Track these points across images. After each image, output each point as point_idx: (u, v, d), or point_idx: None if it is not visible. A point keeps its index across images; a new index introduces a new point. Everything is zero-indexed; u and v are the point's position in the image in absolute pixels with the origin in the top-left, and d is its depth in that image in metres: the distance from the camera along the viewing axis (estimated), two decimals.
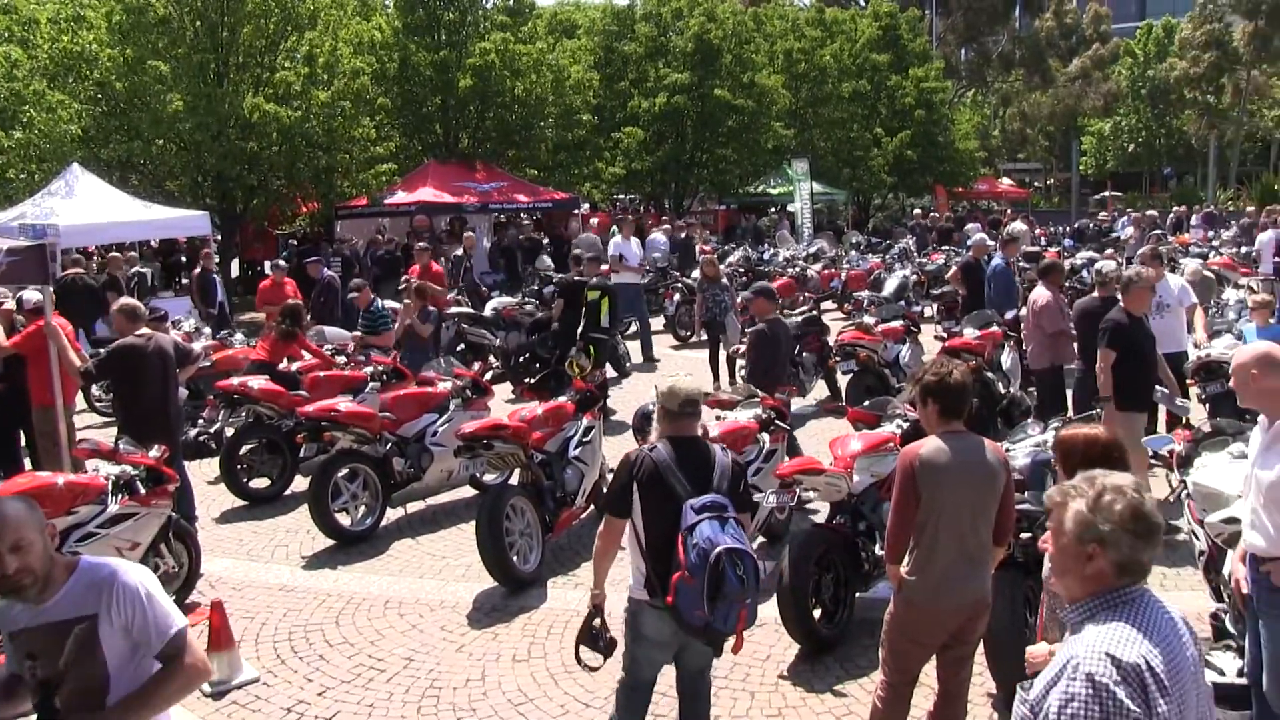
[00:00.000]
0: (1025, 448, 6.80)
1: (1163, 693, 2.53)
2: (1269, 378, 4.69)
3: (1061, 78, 52.60)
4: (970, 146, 40.81)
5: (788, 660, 6.35)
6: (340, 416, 8.96)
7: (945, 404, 4.69)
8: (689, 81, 29.53)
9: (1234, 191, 49.89)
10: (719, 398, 8.75)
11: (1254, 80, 54.02)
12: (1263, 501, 4.64)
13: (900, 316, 12.95)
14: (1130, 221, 26.88)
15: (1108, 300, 9.49)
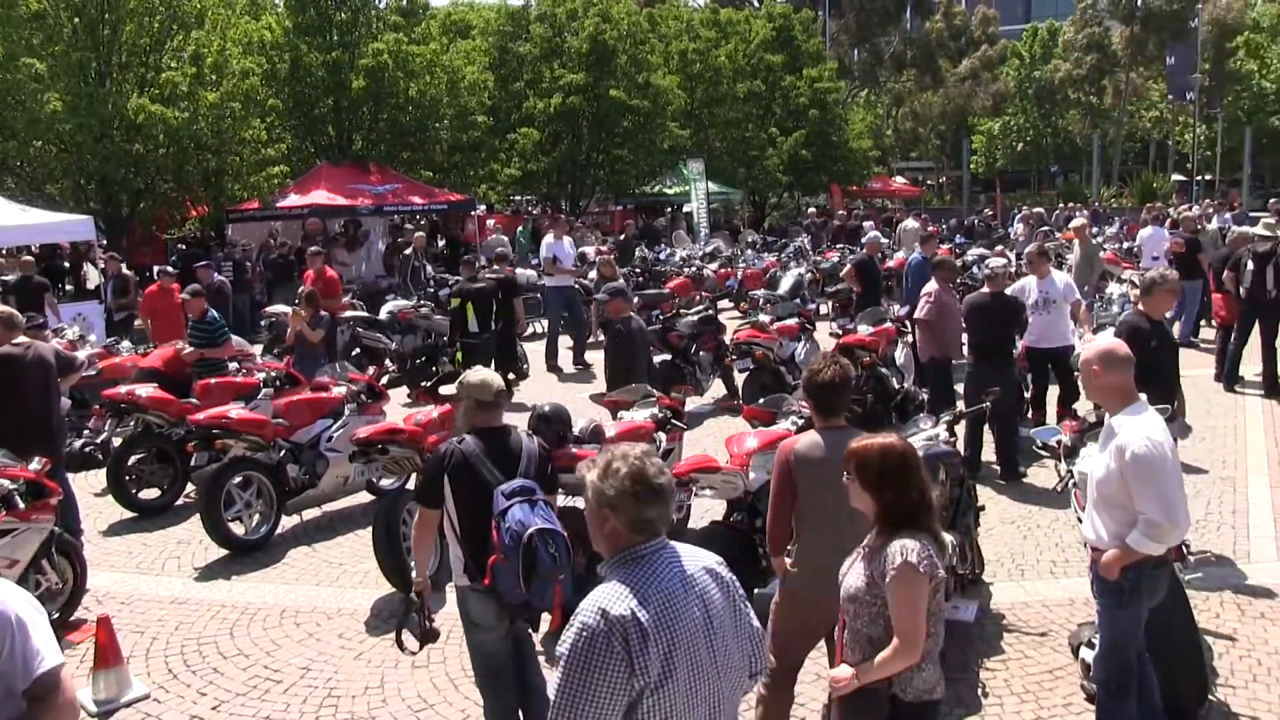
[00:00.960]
0: (918, 441, 6.95)
1: (646, 641, 2.89)
2: (1110, 374, 4.85)
3: (952, 78, 53.93)
4: (864, 145, 41.57)
5: None
6: (232, 423, 8.81)
7: (819, 401, 4.87)
8: (584, 82, 29.56)
9: (1117, 189, 51.64)
10: (615, 398, 8.81)
11: (1132, 82, 56.09)
12: (1093, 496, 4.91)
13: (795, 314, 13.15)
14: (1021, 219, 27.65)
15: (997, 295, 9.80)
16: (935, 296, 10.04)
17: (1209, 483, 9.48)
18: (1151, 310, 7.89)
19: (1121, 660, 4.89)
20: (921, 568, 3.62)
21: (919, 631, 3.65)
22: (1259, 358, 12.87)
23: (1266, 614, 6.77)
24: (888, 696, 3.76)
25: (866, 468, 3.81)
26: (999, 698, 5.84)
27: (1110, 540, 4.77)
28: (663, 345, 12.75)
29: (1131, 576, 4.75)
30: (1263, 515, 8.56)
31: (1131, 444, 4.61)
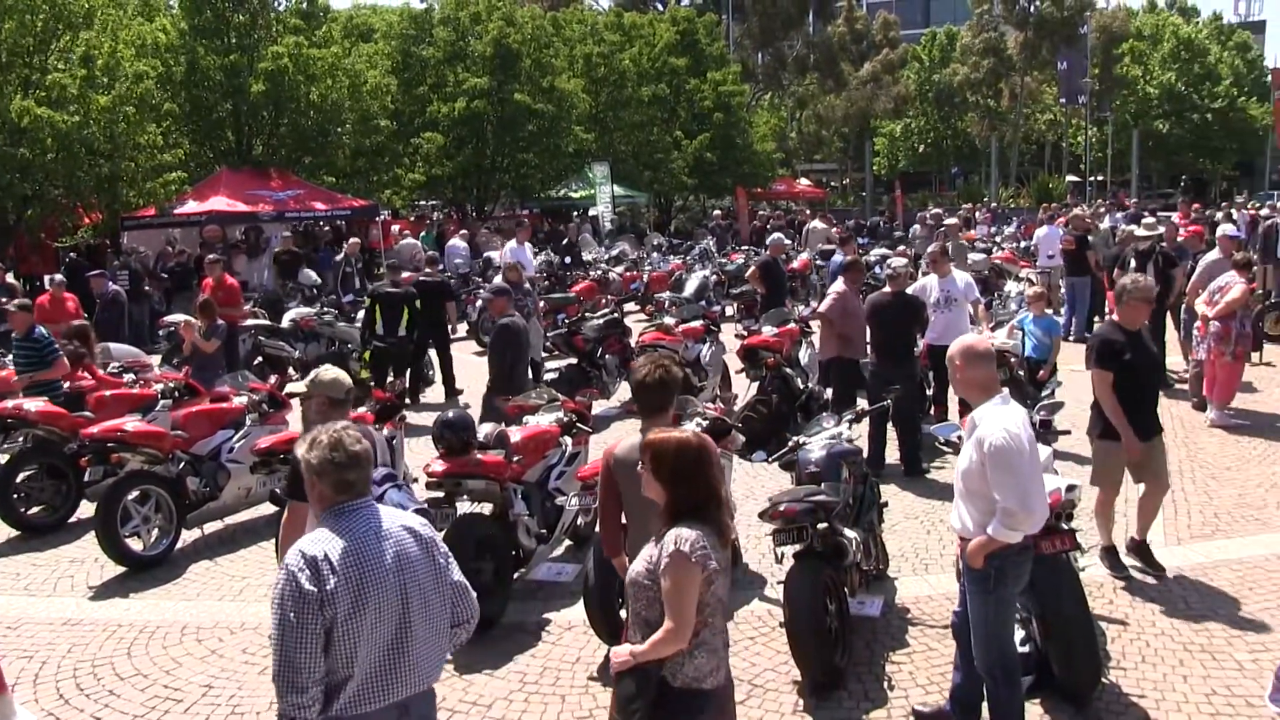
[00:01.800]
0: (820, 440, 7.05)
1: (333, 572, 3.44)
2: (971, 369, 5.07)
3: (854, 81, 54.73)
4: (768, 148, 42.01)
5: (597, 661, 6.40)
6: (128, 436, 8.58)
7: (642, 402, 4.93)
8: (488, 86, 29.41)
9: (1014, 190, 52.92)
10: (521, 402, 8.77)
11: (1027, 86, 57.62)
12: (959, 488, 5.08)
13: (701, 316, 13.23)
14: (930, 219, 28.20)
15: (899, 294, 9.97)
16: (840, 297, 10.18)
17: None
18: (1126, 321, 7.24)
19: (1001, 645, 5.05)
20: (694, 558, 3.70)
21: (687, 618, 3.72)
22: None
23: (1156, 598, 7.01)
24: (658, 679, 3.81)
25: (660, 461, 3.90)
26: (904, 690, 5.94)
27: (975, 529, 4.95)
28: (568, 349, 12.74)
29: (996, 563, 4.92)
30: None
31: (990, 436, 4.79)
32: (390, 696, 3.58)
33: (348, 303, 16.87)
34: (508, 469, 7.39)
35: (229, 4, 25.45)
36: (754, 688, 6.05)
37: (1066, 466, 9.58)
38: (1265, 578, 7.32)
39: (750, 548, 8.01)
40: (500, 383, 9.49)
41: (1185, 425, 11.46)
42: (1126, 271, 12.96)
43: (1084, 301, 16.80)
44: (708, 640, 3.85)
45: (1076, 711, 5.63)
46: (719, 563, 3.79)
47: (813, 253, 22.18)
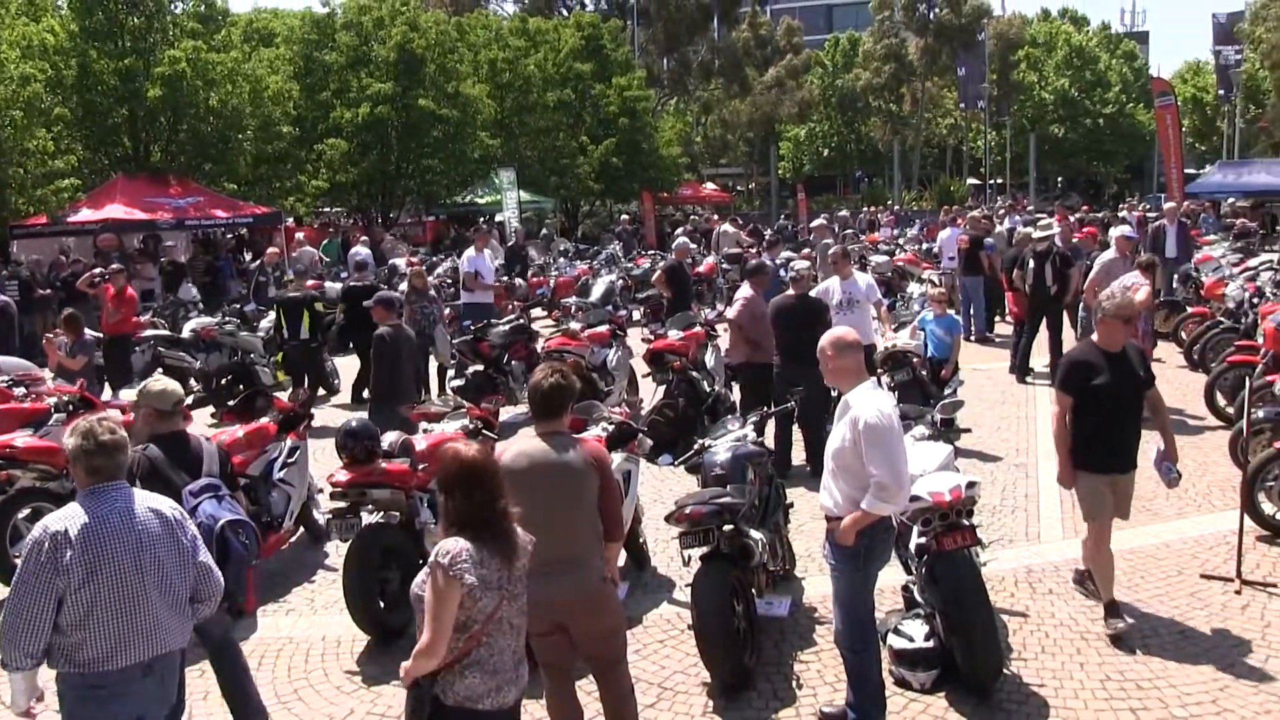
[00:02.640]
0: (725, 443, 7.09)
1: (70, 546, 3.90)
2: (841, 358, 5.36)
3: (759, 86, 55.31)
4: (674, 153, 42.17)
5: None
6: (19, 452, 8.31)
7: (533, 408, 4.93)
8: (393, 91, 29.07)
9: (917, 193, 53.92)
10: (426, 410, 8.68)
11: (928, 91, 58.82)
12: (830, 468, 5.31)
13: (607, 321, 13.23)
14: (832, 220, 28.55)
15: (802, 297, 10.05)
16: (748, 302, 10.24)
17: (1004, 469, 10.00)
18: (1103, 341, 6.46)
19: (858, 619, 5.33)
20: (451, 570, 3.71)
21: (439, 631, 3.71)
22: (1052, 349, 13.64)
23: (1055, 589, 7.19)
24: (430, 696, 3.81)
25: (442, 471, 3.98)
26: (813, 689, 6.00)
27: (845, 505, 5.21)
28: (474, 355, 12.65)
29: (866, 540, 5.21)
30: (1051, 498, 9.06)
31: (864, 415, 5.09)
32: (130, 658, 4.05)
33: (251, 311, 16.54)
34: (413, 477, 7.30)
35: (122, 6, 24.71)
36: (664, 690, 6.06)
37: (968, 464, 9.80)
38: (1155, 566, 7.56)
39: (659, 551, 8.03)
40: (380, 394, 9.38)
41: None
42: (1025, 272, 13.32)
43: (979, 301, 17.19)
44: (483, 660, 3.82)
45: (979, 703, 5.74)
46: (487, 579, 3.78)
47: (718, 256, 22.33)
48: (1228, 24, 54.80)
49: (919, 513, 5.86)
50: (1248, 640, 6.38)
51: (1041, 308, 13.43)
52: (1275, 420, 9.01)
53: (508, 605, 3.87)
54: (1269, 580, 7.23)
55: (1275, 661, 6.14)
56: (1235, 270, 16.25)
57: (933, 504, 5.78)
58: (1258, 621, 6.61)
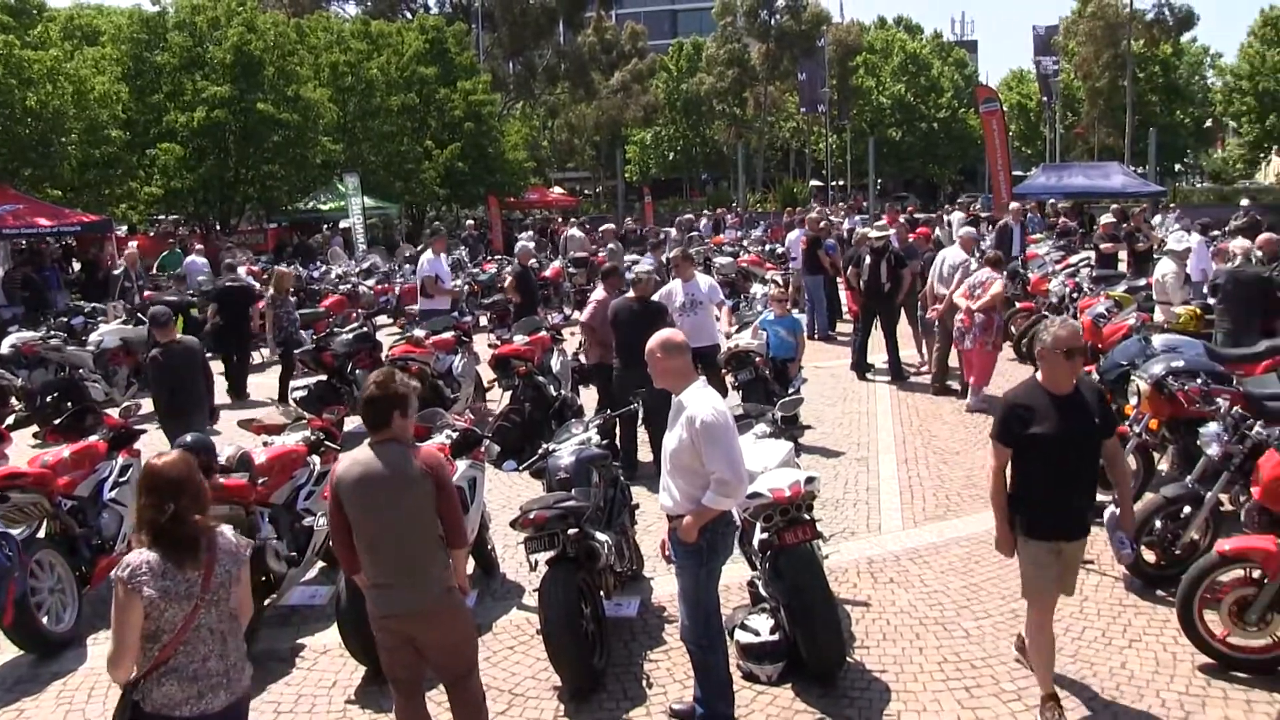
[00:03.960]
0: (569, 447, 7.11)
1: None
2: (670, 359, 5.48)
3: (604, 90, 55.59)
4: (520, 157, 41.95)
5: (354, 684, 6.27)
6: None
7: (363, 417, 4.89)
8: (229, 94, 28.06)
9: (761, 195, 54.93)
10: (264, 422, 8.44)
11: (770, 95, 60.04)
12: (668, 468, 5.39)
13: (452, 327, 13.10)
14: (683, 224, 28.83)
15: (642, 300, 10.12)
16: (601, 304, 10.28)
17: (846, 464, 10.27)
18: (1048, 380, 5.38)
19: (706, 616, 5.41)
20: (130, 584, 3.81)
21: (119, 643, 3.84)
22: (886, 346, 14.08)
23: (895, 579, 7.43)
24: (131, 703, 3.90)
25: (143, 479, 4.03)
26: (663, 687, 6.07)
27: (685, 504, 5.28)
28: (317, 365, 12.37)
29: (708, 536, 5.28)
30: (891, 490, 9.39)
31: (700, 413, 5.17)
32: None
33: (78, 324, 15.79)
34: (252, 492, 7.11)
35: None
36: (514, 696, 6.04)
37: (811, 460, 10.05)
38: (989, 551, 7.78)
39: (507, 557, 8.00)
40: (163, 410, 9.14)
41: (920, 414, 12.18)
42: (862, 270, 13.72)
43: (821, 300, 17.63)
44: (181, 667, 3.88)
45: (824, 692, 5.89)
46: (172, 590, 3.83)
47: (565, 260, 22.34)
48: (1046, 36, 57.64)
49: (760, 509, 5.98)
50: (1068, 615, 6.71)
51: (876, 305, 13.85)
52: None
53: (207, 612, 3.90)
54: (1087, 558, 7.59)
55: (1091, 632, 6.53)
56: (1058, 267, 17.06)
57: (773, 500, 5.90)
58: (1078, 597, 6.92)
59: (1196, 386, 7.85)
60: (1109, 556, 7.46)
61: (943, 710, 5.68)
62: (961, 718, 5.61)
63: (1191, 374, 8.05)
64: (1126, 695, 5.78)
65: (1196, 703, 5.69)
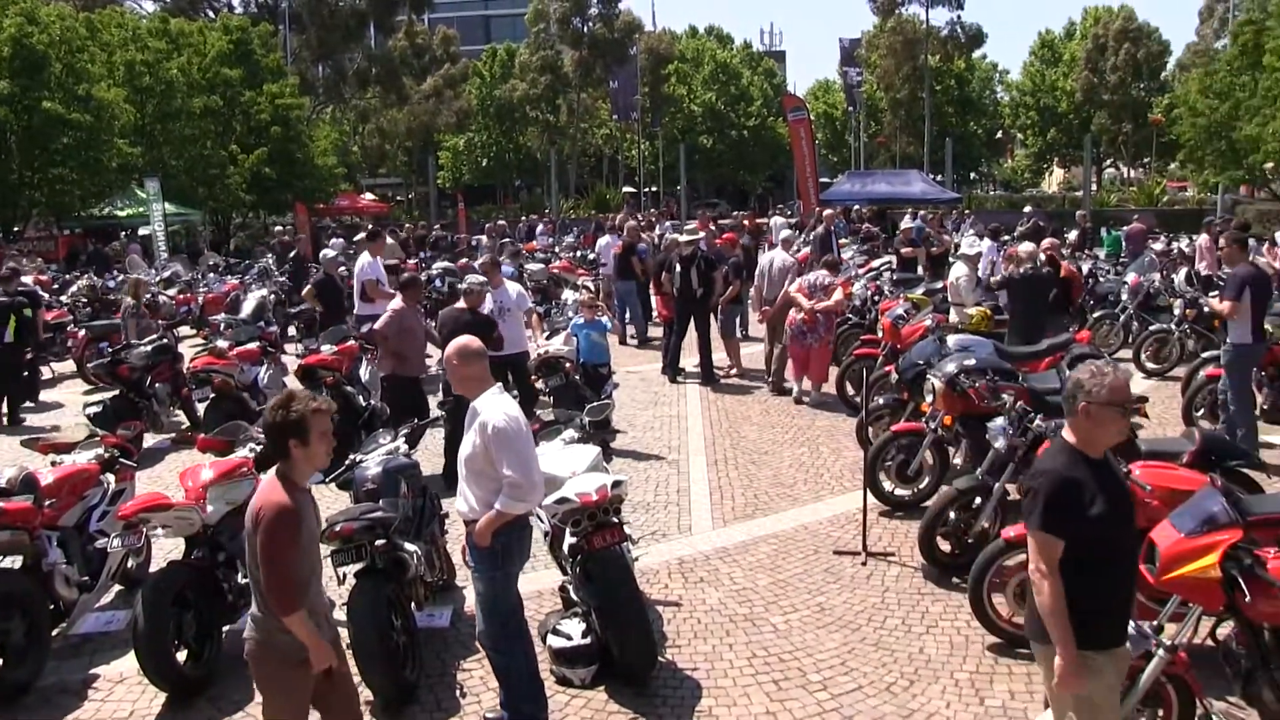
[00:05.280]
0: (376, 457, 6.99)
1: None
2: (467, 365, 5.50)
3: (416, 95, 54.83)
4: (330, 163, 40.92)
5: (154, 713, 5.99)
6: None
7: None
8: (10, 92, 26.28)
9: (574, 201, 55.17)
10: (53, 440, 7.99)
11: (583, 102, 60.39)
12: (463, 473, 5.45)
13: (258, 338, 12.70)
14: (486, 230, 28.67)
15: (473, 311, 10.00)
16: (396, 314, 10.10)
17: (657, 467, 10.41)
18: (1086, 443, 4.19)
19: (503, 619, 5.44)
20: None
21: None
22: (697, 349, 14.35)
23: (705, 578, 7.57)
24: None
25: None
26: (477, 696, 6.02)
27: (481, 509, 5.33)
28: (112, 379, 11.79)
29: (503, 540, 5.32)
30: (701, 491, 9.56)
31: (492, 419, 5.23)
32: None
33: None
34: (37, 515, 6.70)
35: None
36: None
37: (623, 463, 10.16)
38: (795, 547, 8.12)
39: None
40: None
41: (730, 416, 12.45)
42: (673, 276, 13.94)
43: (635, 305, 17.84)
44: None
45: (637, 693, 5.95)
46: None
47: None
48: (850, 48, 59.98)
49: (569, 514, 6.01)
50: (871, 605, 7.00)
51: (688, 310, 14.11)
52: (892, 406, 9.92)
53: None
54: (889, 550, 7.96)
55: (892, 620, 6.80)
56: (861, 271, 17.72)
57: (581, 504, 5.94)
58: (879, 588, 7.26)
59: (985, 383, 8.27)
60: (909, 547, 7.83)
61: (752, 703, 5.82)
62: (770, 709, 5.75)
63: (981, 372, 8.47)
64: (924, 677, 6.04)
65: (986, 680, 6.01)
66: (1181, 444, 7.08)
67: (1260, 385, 11.26)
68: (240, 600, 6.53)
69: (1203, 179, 39.07)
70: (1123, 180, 65.51)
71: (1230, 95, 32.83)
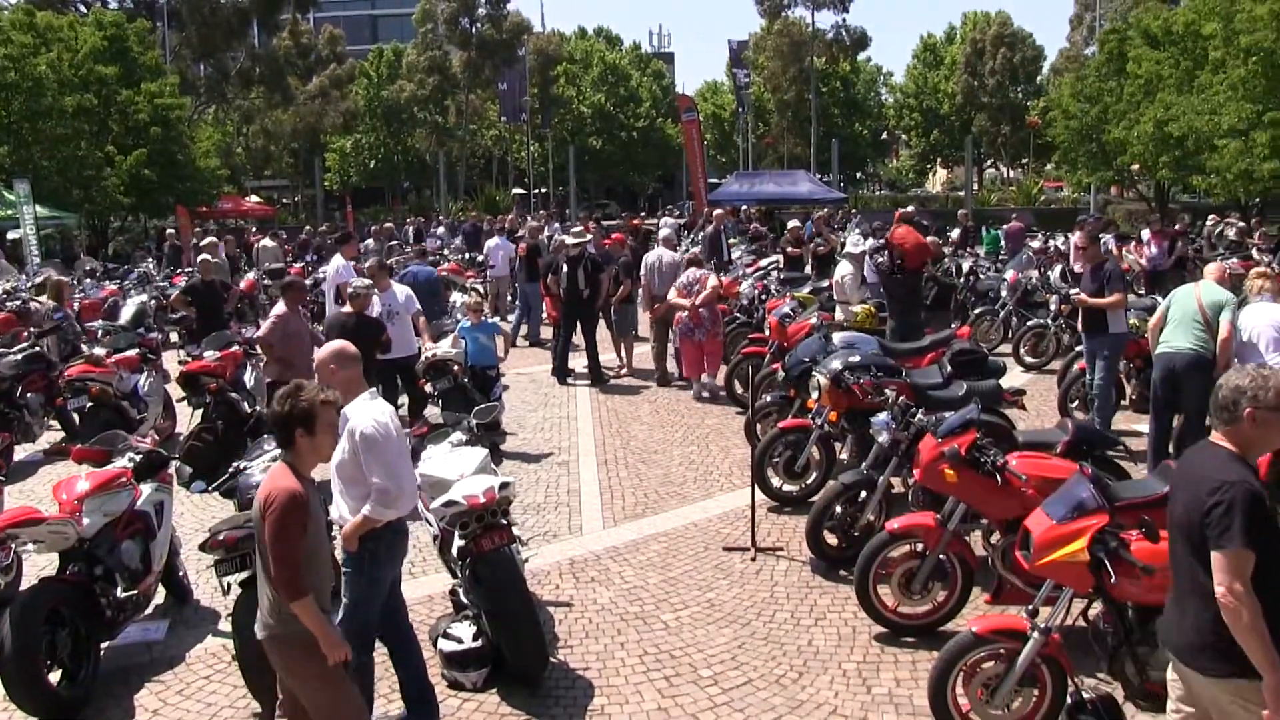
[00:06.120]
0: (261, 464, 6.87)
1: None
2: (342, 369, 5.54)
3: (302, 96, 53.81)
4: (212, 164, 39.89)
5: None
6: None
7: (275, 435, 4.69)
8: None
9: (464, 202, 54.80)
10: None
11: (472, 103, 60.02)
12: (334, 479, 5.43)
13: (137, 344, 12.34)
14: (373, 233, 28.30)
15: (360, 315, 9.89)
16: (280, 319, 9.92)
17: (547, 468, 10.41)
18: (1245, 449, 3.98)
19: (363, 621, 5.37)
20: None
21: None
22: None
23: (596, 577, 7.60)
24: None
25: None
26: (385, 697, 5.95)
27: (352, 516, 5.27)
28: None
29: (371, 545, 5.28)
30: (591, 492, 9.60)
31: (360, 425, 5.22)
32: None
33: None
34: None
35: None
36: None
37: (514, 465, 10.17)
38: (685, 545, 8.21)
39: (201, 583, 7.63)
40: None
41: (620, 416, 12.51)
42: (560, 277, 13.96)
43: (537, 308, 17.79)
44: None
45: (530, 694, 5.96)
46: None
47: (260, 272, 21.49)
48: (739, 49, 60.69)
49: (456, 517, 5.99)
50: (760, 600, 7.11)
51: (575, 311, 14.14)
52: (779, 403, 10.08)
53: None
54: (777, 545, 8.10)
55: (781, 614, 6.92)
56: (748, 270, 17.93)
57: (468, 507, 5.92)
58: (768, 583, 7.38)
59: (869, 379, 8.45)
60: (798, 542, 7.97)
61: (644, 700, 5.87)
62: (662, 705, 5.81)
63: (865, 368, 8.65)
64: (813, 669, 6.16)
65: (872, 669, 6.15)
66: (1056, 434, 7.33)
67: (1129, 376, 11.72)
68: (120, 615, 6.37)
69: (1076, 179, 40.42)
70: (1003, 180, 67.52)
71: (1099, 100, 34.09)
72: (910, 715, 5.63)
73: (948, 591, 6.49)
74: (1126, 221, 35.44)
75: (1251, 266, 12.32)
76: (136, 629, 6.76)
